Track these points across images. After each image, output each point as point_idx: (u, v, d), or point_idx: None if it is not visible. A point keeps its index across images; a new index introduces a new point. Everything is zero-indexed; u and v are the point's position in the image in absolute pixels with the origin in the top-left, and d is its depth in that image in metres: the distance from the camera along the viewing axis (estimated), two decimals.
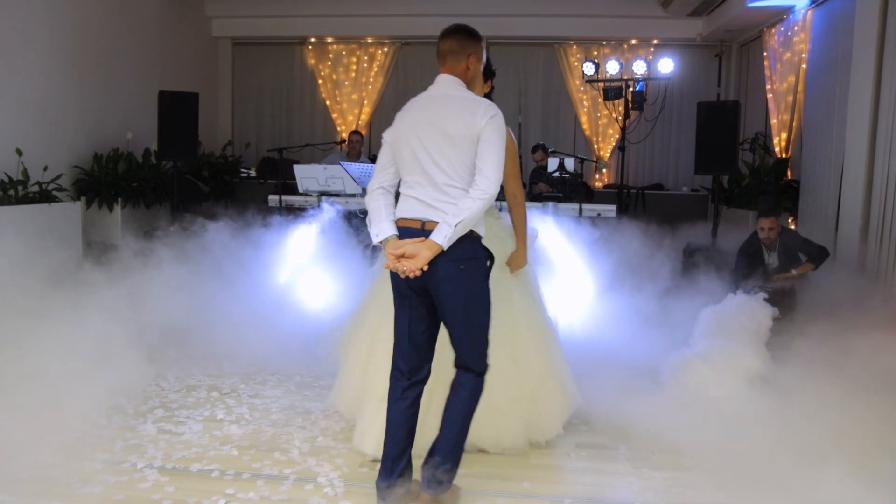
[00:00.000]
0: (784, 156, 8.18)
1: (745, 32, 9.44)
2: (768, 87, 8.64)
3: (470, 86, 2.70)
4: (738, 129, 6.86)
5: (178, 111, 7.43)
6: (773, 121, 8.46)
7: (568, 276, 5.00)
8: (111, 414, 3.52)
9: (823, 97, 7.10)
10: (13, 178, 6.28)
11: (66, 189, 7.09)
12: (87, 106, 7.74)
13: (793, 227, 7.60)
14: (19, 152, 6.41)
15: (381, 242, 2.59)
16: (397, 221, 2.61)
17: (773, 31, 8.51)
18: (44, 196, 6.51)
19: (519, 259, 3.13)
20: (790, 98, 8.00)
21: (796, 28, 7.81)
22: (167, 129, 7.39)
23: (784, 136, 8.19)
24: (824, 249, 5.44)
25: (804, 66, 7.64)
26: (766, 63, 8.71)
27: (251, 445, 3.21)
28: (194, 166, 9.03)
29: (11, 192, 6.21)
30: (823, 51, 7.16)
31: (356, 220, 5.59)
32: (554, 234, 5.10)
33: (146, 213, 7.93)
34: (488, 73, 3.28)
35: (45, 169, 6.65)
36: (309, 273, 5.42)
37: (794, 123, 8.00)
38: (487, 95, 3.21)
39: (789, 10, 7.90)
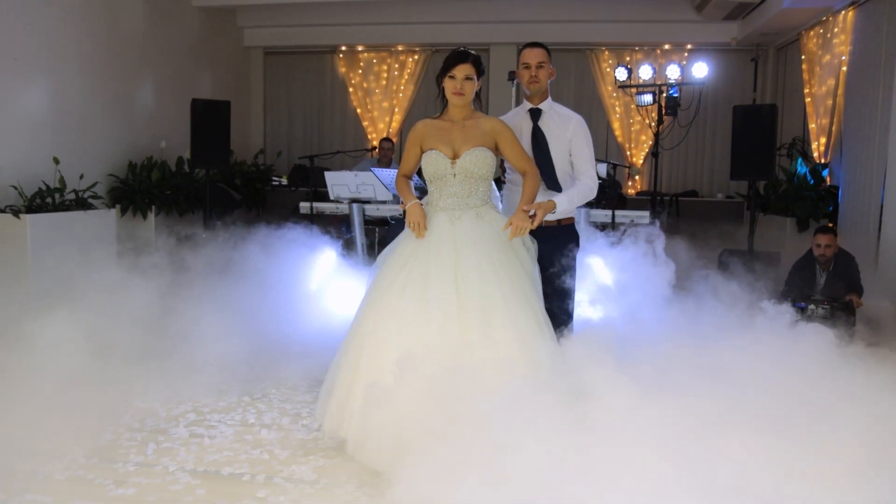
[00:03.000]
0: (823, 161, 7.99)
1: (782, 35, 9.27)
2: (806, 91, 8.46)
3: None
4: (775, 133, 6.71)
5: (210, 120, 7.49)
6: (812, 125, 8.27)
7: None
8: (144, 417, 3.53)
9: (865, 100, 6.92)
10: (50, 186, 6.39)
11: (102, 197, 7.20)
12: (121, 115, 7.87)
13: None
14: (56, 161, 6.52)
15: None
16: None
17: (812, 33, 8.34)
18: (80, 204, 6.60)
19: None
20: (829, 102, 7.82)
21: (836, 30, 7.65)
22: (200, 138, 7.45)
23: (823, 140, 8.01)
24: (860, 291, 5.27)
25: (844, 68, 7.47)
26: (804, 66, 8.54)
27: (282, 449, 3.19)
28: (226, 174, 9.12)
29: (49, 199, 6.31)
30: (865, 53, 6.99)
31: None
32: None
33: (179, 220, 8.01)
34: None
35: (81, 177, 6.75)
36: (340, 279, 5.43)
37: (833, 128, 7.82)
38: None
39: (829, 10, 7.73)
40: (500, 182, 3.88)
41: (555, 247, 3.50)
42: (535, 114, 3.61)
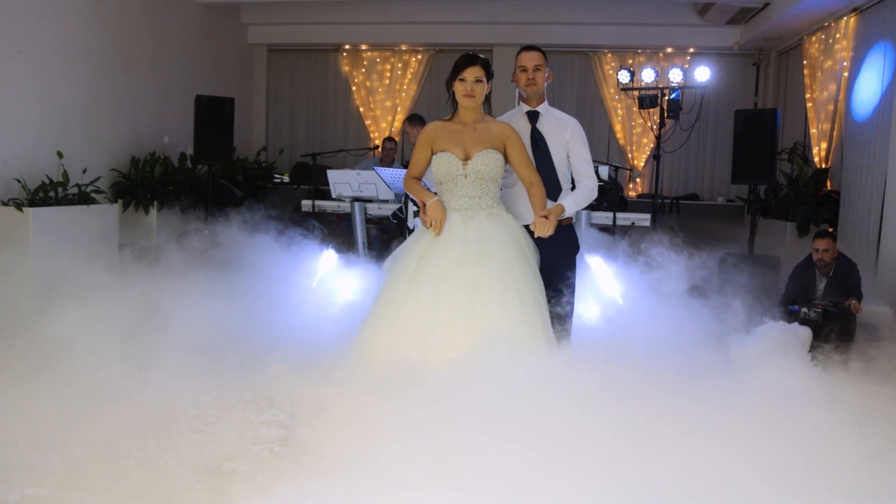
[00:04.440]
0: (824, 166, 8.00)
1: (785, 40, 9.28)
2: (808, 95, 8.48)
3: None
4: (776, 137, 6.72)
5: (213, 116, 7.50)
6: (813, 130, 8.29)
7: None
8: (144, 412, 3.53)
9: (866, 105, 6.94)
10: (53, 179, 6.40)
11: (104, 191, 7.21)
12: (125, 110, 7.88)
13: None
14: (60, 155, 6.53)
15: None
16: None
17: (814, 38, 8.36)
18: (82, 198, 6.61)
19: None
20: (831, 107, 7.83)
21: (838, 35, 7.66)
22: (203, 134, 7.46)
23: (824, 145, 8.02)
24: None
25: (846, 74, 7.48)
26: (805, 71, 8.55)
27: (282, 446, 3.20)
28: (229, 171, 9.13)
29: (52, 193, 6.33)
30: (867, 58, 7.00)
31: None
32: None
33: (181, 216, 8.02)
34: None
35: (84, 171, 6.76)
36: (343, 276, 5.45)
37: (834, 133, 7.83)
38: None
39: (831, 16, 7.74)
40: None
41: (555, 247, 3.55)
42: (533, 116, 3.68)
